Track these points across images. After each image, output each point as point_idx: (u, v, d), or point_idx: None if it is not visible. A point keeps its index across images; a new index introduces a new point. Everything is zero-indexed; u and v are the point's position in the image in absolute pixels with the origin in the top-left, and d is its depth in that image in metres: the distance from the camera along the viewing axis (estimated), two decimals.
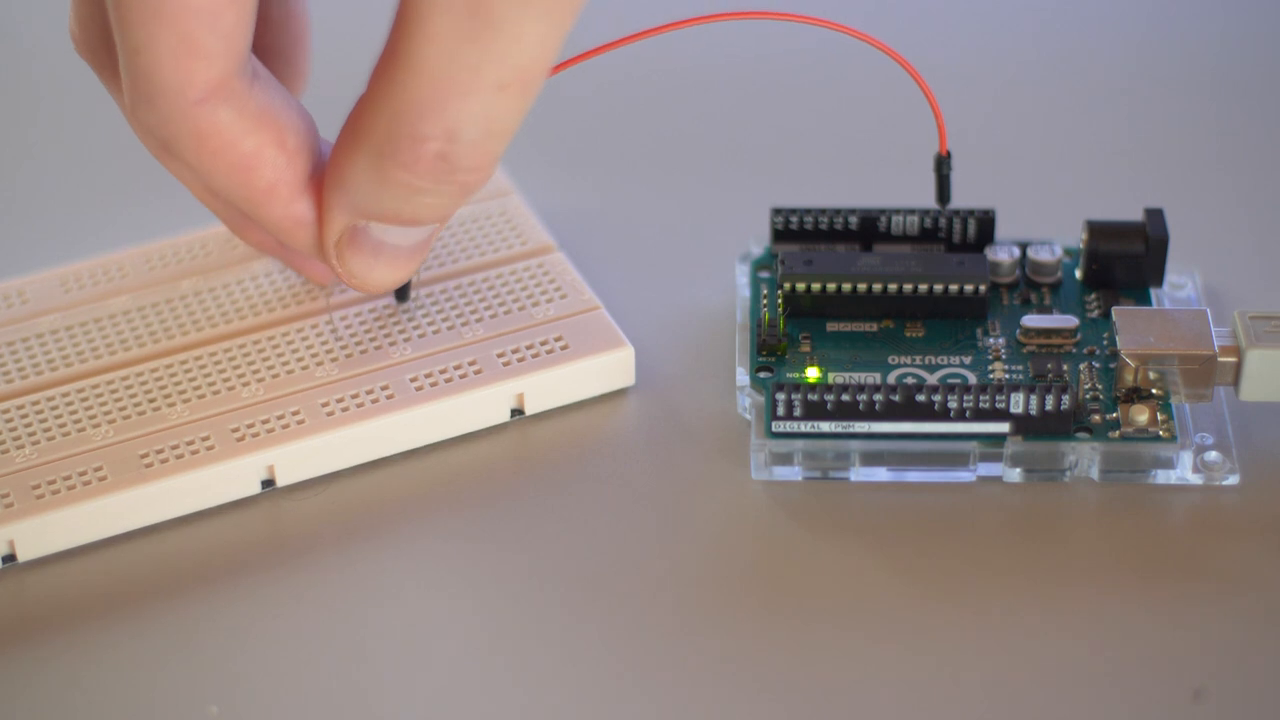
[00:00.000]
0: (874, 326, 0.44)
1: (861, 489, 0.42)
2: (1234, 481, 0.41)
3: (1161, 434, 0.41)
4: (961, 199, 0.45)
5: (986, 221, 0.45)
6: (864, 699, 0.38)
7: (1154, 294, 0.45)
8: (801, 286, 0.44)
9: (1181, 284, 0.45)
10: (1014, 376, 0.43)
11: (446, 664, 0.39)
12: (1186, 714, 0.38)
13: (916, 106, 0.43)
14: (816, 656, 0.39)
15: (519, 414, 0.43)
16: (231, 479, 0.41)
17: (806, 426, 0.41)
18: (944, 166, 0.44)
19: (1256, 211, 0.49)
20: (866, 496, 0.42)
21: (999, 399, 0.41)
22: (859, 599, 0.40)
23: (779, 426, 0.41)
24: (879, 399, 0.41)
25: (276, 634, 0.40)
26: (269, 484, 0.42)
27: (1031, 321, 0.44)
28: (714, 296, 0.46)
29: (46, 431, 0.42)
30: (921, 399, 0.41)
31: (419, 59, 0.36)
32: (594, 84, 0.52)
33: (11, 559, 0.40)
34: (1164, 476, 0.42)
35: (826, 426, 0.41)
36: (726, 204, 0.49)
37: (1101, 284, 0.45)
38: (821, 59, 0.54)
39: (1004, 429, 0.41)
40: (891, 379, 0.43)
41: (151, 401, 0.42)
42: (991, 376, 0.43)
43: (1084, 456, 0.42)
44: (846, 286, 0.44)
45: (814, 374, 0.43)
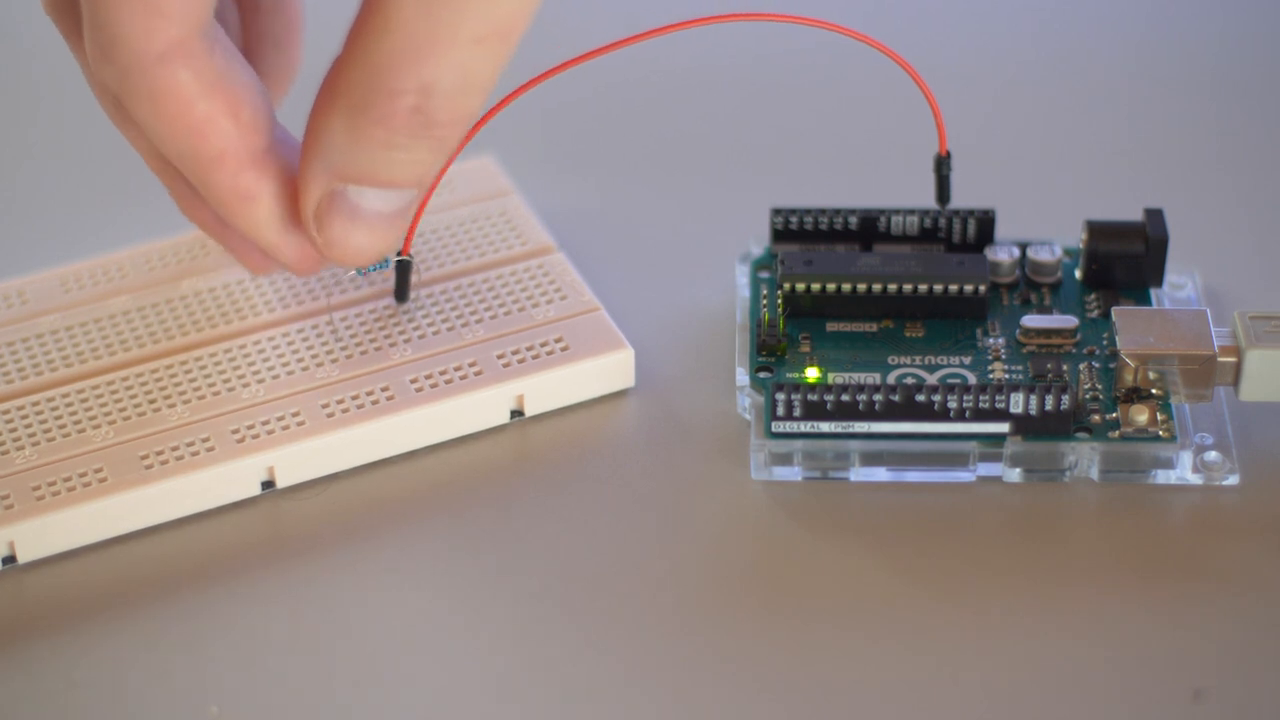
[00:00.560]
0: (874, 327, 0.44)
1: (861, 489, 0.42)
2: (1234, 481, 0.41)
3: (1161, 434, 0.41)
4: (961, 199, 0.45)
5: (986, 221, 0.45)
6: (864, 699, 0.38)
7: (1154, 294, 0.45)
8: (801, 286, 0.44)
9: (1181, 284, 0.45)
10: (1014, 376, 0.43)
11: (447, 664, 0.39)
12: (1186, 714, 0.38)
13: (916, 107, 0.43)
14: (816, 656, 0.39)
15: (519, 415, 0.43)
16: (231, 480, 0.41)
17: (806, 427, 0.41)
18: (944, 167, 0.44)
19: (1256, 211, 0.49)
20: (866, 496, 0.42)
21: (999, 399, 0.41)
22: (859, 599, 0.40)
23: (779, 427, 0.41)
24: (879, 399, 0.41)
25: (276, 634, 0.40)
26: (269, 485, 0.42)
27: (1031, 321, 0.44)
28: (714, 297, 0.46)
29: (46, 432, 0.42)
30: (921, 399, 0.41)
31: (394, 14, 0.36)
32: (594, 85, 0.52)
33: (11, 560, 0.40)
34: (1164, 476, 0.42)
35: (826, 427, 0.41)
36: (726, 204, 0.49)
37: (1101, 284, 0.45)
38: (821, 59, 0.54)
39: (1004, 429, 0.41)
40: (891, 379, 0.43)
41: (152, 402, 0.42)
42: (991, 376, 0.43)
43: (1084, 456, 0.41)
44: (846, 286, 0.44)
45: (814, 374, 0.43)
